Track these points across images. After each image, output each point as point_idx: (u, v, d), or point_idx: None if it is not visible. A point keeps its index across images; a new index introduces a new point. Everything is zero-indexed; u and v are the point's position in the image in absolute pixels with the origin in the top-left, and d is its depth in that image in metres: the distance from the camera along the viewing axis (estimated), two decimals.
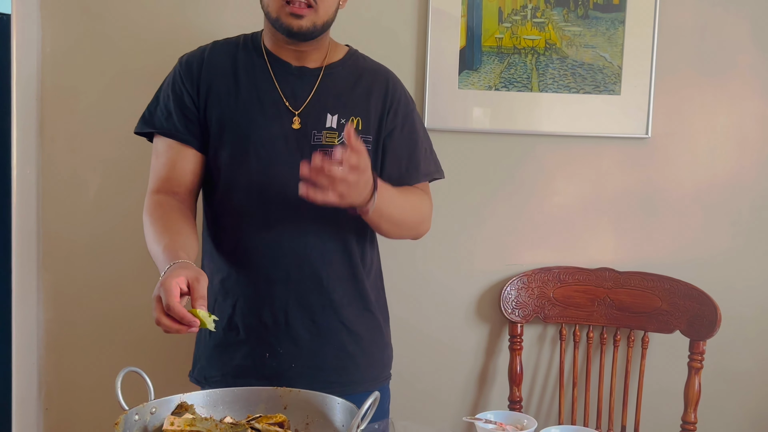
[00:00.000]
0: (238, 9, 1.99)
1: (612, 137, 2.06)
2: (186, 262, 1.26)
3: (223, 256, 1.53)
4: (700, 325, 1.95)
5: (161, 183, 1.50)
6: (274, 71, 1.51)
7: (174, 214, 1.44)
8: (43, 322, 2.05)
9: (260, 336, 1.50)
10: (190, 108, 1.50)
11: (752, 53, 2.06)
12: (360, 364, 1.57)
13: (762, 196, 2.10)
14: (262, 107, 1.49)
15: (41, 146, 2.01)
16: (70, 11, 1.98)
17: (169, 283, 1.16)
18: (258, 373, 1.50)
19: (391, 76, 1.60)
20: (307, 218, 1.47)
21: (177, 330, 1.16)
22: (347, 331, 1.55)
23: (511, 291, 2.04)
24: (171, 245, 1.33)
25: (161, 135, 1.52)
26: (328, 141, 1.49)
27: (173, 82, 1.53)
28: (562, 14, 2.01)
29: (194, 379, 1.59)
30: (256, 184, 1.47)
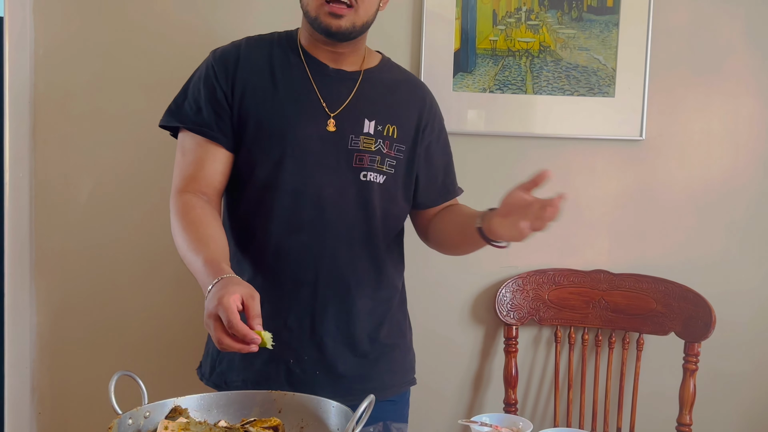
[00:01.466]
0: (231, 10, 1.99)
1: (606, 139, 2.06)
2: (235, 278, 1.23)
3: (250, 257, 1.49)
4: (694, 326, 1.95)
5: (188, 182, 1.45)
6: (311, 71, 1.47)
7: (206, 219, 1.38)
8: (36, 326, 2.04)
9: (285, 341, 1.45)
10: (222, 104, 1.45)
11: (745, 56, 2.07)
12: (382, 371, 1.55)
13: (756, 198, 2.10)
14: (299, 107, 1.45)
15: (34, 149, 2.00)
16: (63, 14, 1.97)
17: (228, 301, 1.13)
18: (281, 379, 1.47)
19: (426, 88, 1.61)
20: (337, 223, 1.46)
21: (239, 349, 1.14)
22: (370, 338, 1.53)
23: (506, 293, 2.04)
24: (212, 257, 1.28)
25: (189, 131, 1.46)
26: (365, 146, 1.47)
27: (206, 76, 1.47)
28: (556, 17, 2.01)
29: (212, 383, 1.54)
30: (290, 186, 1.44)
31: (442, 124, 1.62)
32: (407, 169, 1.54)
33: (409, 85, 1.58)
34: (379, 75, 1.54)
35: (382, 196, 1.50)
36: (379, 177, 1.48)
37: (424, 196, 1.60)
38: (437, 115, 1.60)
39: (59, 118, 2.00)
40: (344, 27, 1.40)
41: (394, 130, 1.50)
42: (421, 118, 1.55)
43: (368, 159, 1.47)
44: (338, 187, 1.46)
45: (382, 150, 1.48)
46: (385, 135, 1.49)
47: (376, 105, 1.50)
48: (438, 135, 1.60)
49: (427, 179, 1.59)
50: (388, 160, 1.49)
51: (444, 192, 1.63)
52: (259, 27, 1.63)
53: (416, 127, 1.54)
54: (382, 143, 1.48)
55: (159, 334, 2.04)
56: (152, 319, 2.04)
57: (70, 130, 2.00)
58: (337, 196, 1.46)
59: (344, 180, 1.46)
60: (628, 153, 2.08)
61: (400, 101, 1.54)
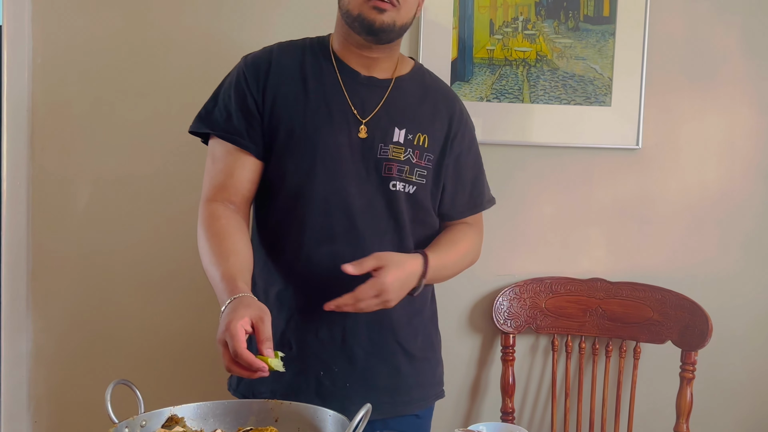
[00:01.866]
0: (234, 20, 2.00)
1: (603, 148, 2.07)
2: (248, 297, 1.22)
3: (280, 267, 1.48)
4: (691, 335, 1.96)
5: (217, 191, 1.44)
6: (343, 78, 1.46)
7: (231, 230, 1.38)
8: (32, 333, 2.04)
9: (315, 353, 1.45)
10: (252, 112, 1.43)
11: (741, 64, 2.08)
12: (412, 385, 1.53)
13: (752, 206, 2.11)
14: (330, 115, 1.44)
15: (31, 156, 2.00)
16: (61, 22, 1.98)
17: (235, 328, 1.14)
18: (310, 391, 1.45)
19: (457, 97, 1.59)
20: (368, 233, 1.44)
21: (247, 376, 1.15)
22: (402, 350, 1.51)
23: (503, 302, 2.04)
24: (229, 271, 1.28)
25: (219, 138, 1.45)
26: (394, 155, 1.45)
27: (236, 82, 1.45)
28: (553, 26, 2.02)
29: (239, 394, 1.52)
30: (320, 195, 1.43)
31: (472, 134, 1.60)
32: (435, 180, 1.52)
33: (440, 93, 1.56)
34: (410, 83, 1.52)
35: (412, 206, 1.48)
36: (408, 187, 1.46)
37: (449, 207, 1.57)
38: (468, 125, 1.58)
39: (57, 125, 2.00)
40: (386, 22, 1.38)
41: (425, 139, 1.48)
42: (451, 128, 1.52)
43: (397, 168, 1.45)
44: (367, 197, 1.44)
45: (411, 160, 1.46)
46: (415, 144, 1.47)
47: (406, 113, 1.48)
48: (469, 145, 1.57)
49: (454, 191, 1.56)
50: (418, 170, 1.47)
51: (471, 205, 1.61)
52: (263, 36, 1.63)
53: (446, 137, 1.51)
54: (412, 153, 1.47)
55: (156, 342, 2.04)
56: (149, 328, 2.04)
57: (68, 138, 2.01)
58: (367, 206, 1.44)
59: (373, 190, 1.45)
60: (624, 161, 2.09)
61: (430, 110, 1.51)
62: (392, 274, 1.34)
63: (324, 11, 1.94)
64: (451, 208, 1.58)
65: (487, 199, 1.65)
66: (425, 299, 1.57)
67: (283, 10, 2.00)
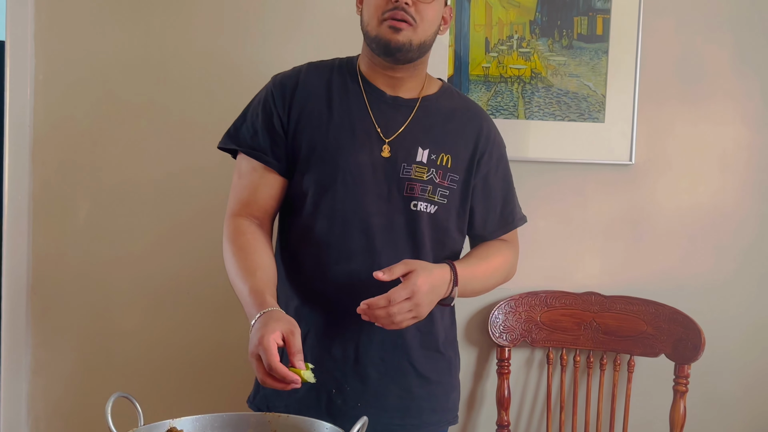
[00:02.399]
0: (231, 39, 2.02)
1: (596, 163, 2.10)
2: (277, 311, 1.26)
3: (298, 283, 1.49)
4: (684, 348, 1.97)
5: (241, 206, 1.47)
6: (368, 98, 1.48)
7: (256, 245, 1.41)
8: (32, 347, 2.05)
9: (328, 371, 1.45)
10: (277, 130, 1.46)
11: (732, 81, 2.11)
12: (424, 408, 1.52)
13: (744, 221, 2.13)
14: (353, 134, 1.45)
15: (33, 171, 2.02)
16: (63, 39, 2.01)
17: (267, 342, 1.17)
18: (321, 408, 1.46)
19: (484, 116, 1.59)
20: (386, 252, 1.44)
21: (281, 387, 1.19)
22: (415, 372, 1.50)
23: (498, 315, 2.06)
24: (257, 286, 1.31)
25: (245, 154, 1.48)
26: (417, 175, 1.46)
27: (264, 101, 1.48)
28: (547, 44, 2.05)
29: (254, 406, 1.53)
30: (340, 213, 1.44)
31: (501, 152, 1.59)
32: (461, 200, 1.51)
33: (467, 113, 1.55)
34: (436, 103, 1.52)
35: (433, 226, 1.48)
36: (430, 207, 1.46)
37: (481, 228, 1.57)
38: (496, 143, 1.57)
39: (58, 141, 2.02)
40: (402, 42, 1.40)
41: (449, 159, 1.48)
42: (477, 148, 1.52)
43: (419, 188, 1.45)
44: (387, 216, 1.45)
45: (434, 180, 1.46)
46: (438, 164, 1.47)
47: (430, 133, 1.48)
48: (497, 164, 1.56)
49: (485, 211, 1.56)
50: (440, 190, 1.47)
51: (503, 223, 1.60)
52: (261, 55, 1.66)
53: (471, 157, 1.51)
54: (435, 173, 1.47)
55: (155, 356, 2.05)
56: (148, 341, 2.06)
57: (69, 153, 2.03)
58: (386, 225, 1.45)
59: (394, 209, 1.45)
60: (618, 177, 2.11)
61: (456, 130, 1.51)
62: (422, 277, 1.35)
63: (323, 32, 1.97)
64: (483, 229, 1.58)
65: (519, 216, 1.64)
66: (443, 321, 1.56)
67: (279, 26, 2.03)
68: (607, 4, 2.05)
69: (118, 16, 2.01)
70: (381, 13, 1.40)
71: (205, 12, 2.02)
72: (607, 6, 2.05)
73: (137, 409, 1.17)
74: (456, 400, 1.62)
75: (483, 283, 1.55)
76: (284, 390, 1.20)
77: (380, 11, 1.40)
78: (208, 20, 2.02)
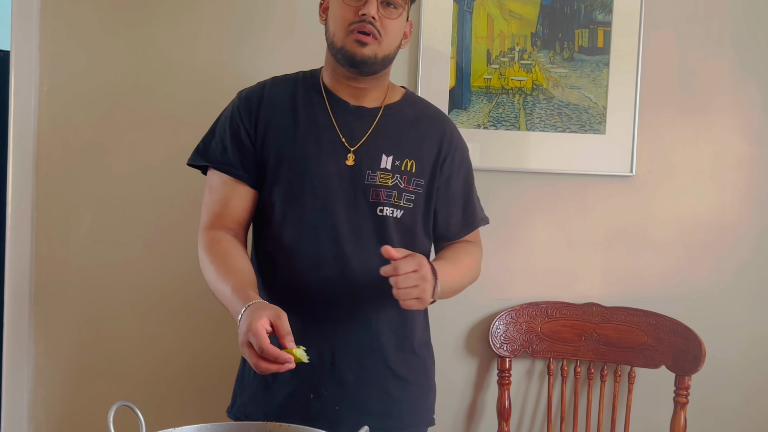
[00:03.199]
0: (236, 49, 2.04)
1: (597, 175, 2.11)
2: (261, 302, 1.28)
3: (273, 292, 1.52)
4: (685, 360, 1.98)
5: (214, 219, 1.50)
6: (332, 109, 1.51)
7: (233, 251, 1.44)
8: (34, 356, 2.05)
9: (305, 376, 1.47)
10: (245, 143, 1.50)
11: (732, 94, 2.12)
12: (403, 410, 1.55)
13: (744, 233, 2.14)
14: (319, 144, 1.49)
15: (36, 180, 2.03)
16: (67, 50, 2.02)
17: (256, 327, 1.19)
18: (301, 413, 1.47)
19: (447, 121, 1.63)
20: (356, 258, 1.47)
21: (276, 369, 1.20)
22: (392, 374, 1.53)
23: (499, 326, 2.06)
24: (239, 285, 1.34)
25: (215, 169, 1.51)
26: (381, 181, 1.49)
27: (231, 116, 1.52)
28: (549, 56, 2.07)
29: (233, 416, 1.55)
30: (309, 221, 1.48)
31: (464, 155, 1.63)
32: (426, 204, 1.55)
33: (429, 119, 1.60)
34: (399, 111, 1.56)
35: (400, 230, 1.51)
36: (396, 212, 1.50)
37: (444, 230, 1.61)
38: (458, 147, 1.60)
39: (61, 151, 2.04)
40: (368, 55, 1.44)
41: (413, 164, 1.52)
42: (440, 152, 1.56)
43: (384, 194, 1.49)
44: (355, 223, 1.48)
45: (399, 185, 1.50)
46: (402, 170, 1.51)
47: (394, 140, 1.52)
48: (459, 167, 1.60)
49: (448, 213, 1.60)
50: (406, 195, 1.51)
51: (465, 224, 1.64)
52: (264, 65, 1.67)
53: (435, 161, 1.55)
54: (400, 178, 1.50)
55: (157, 365, 2.05)
56: (150, 351, 2.06)
57: (72, 163, 2.04)
58: (354, 232, 1.48)
59: (361, 215, 1.49)
60: (618, 188, 2.12)
61: (419, 136, 1.55)
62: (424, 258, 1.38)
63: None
64: (446, 230, 1.61)
65: (481, 217, 1.68)
66: (417, 323, 1.59)
67: (284, 41, 2.05)
68: (608, 17, 2.06)
69: (122, 26, 2.03)
70: (347, 25, 1.44)
71: (208, 22, 2.04)
72: (608, 19, 2.06)
73: (139, 418, 1.17)
74: (432, 401, 1.65)
75: (458, 284, 1.57)
76: (279, 371, 1.21)
77: (346, 23, 1.44)
78: (211, 30, 2.04)
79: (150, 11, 2.03)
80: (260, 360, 1.21)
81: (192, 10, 2.03)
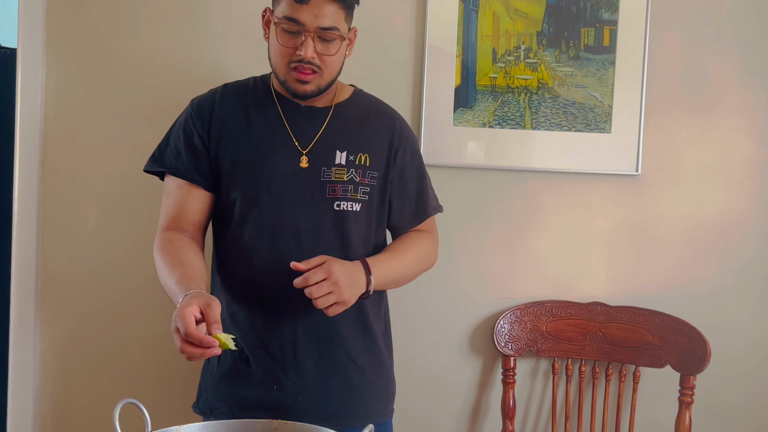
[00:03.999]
0: (241, 49, 2.04)
1: (603, 174, 2.10)
2: (198, 292, 1.31)
3: (233, 290, 1.56)
4: (690, 359, 1.97)
5: (171, 221, 1.54)
6: (284, 111, 1.55)
7: (184, 249, 1.47)
8: (40, 353, 2.06)
9: (268, 368, 1.52)
10: (200, 149, 1.54)
11: (738, 93, 2.11)
12: (365, 398, 1.58)
13: (749, 232, 2.13)
14: (273, 145, 1.53)
15: (42, 178, 2.04)
16: (74, 48, 2.03)
17: (183, 313, 1.22)
18: (264, 405, 1.51)
19: (396, 115, 1.66)
20: (314, 253, 1.49)
21: (201, 354, 1.22)
22: (353, 364, 1.56)
23: (504, 324, 2.06)
24: (182, 277, 1.36)
25: (172, 175, 1.55)
26: (337, 177, 1.53)
27: (185, 123, 1.57)
28: (554, 55, 2.07)
29: (198, 410, 1.60)
30: (267, 220, 1.51)
31: (414, 147, 1.67)
32: (381, 196, 1.59)
33: (379, 114, 1.63)
34: (349, 108, 1.60)
35: (358, 223, 1.55)
36: (354, 205, 1.54)
37: (398, 220, 1.65)
38: (409, 139, 1.64)
39: (68, 149, 2.04)
40: (310, 90, 1.49)
41: (366, 158, 1.56)
42: (392, 144, 1.60)
43: (341, 189, 1.53)
44: (314, 219, 1.52)
45: (354, 179, 1.54)
46: (357, 164, 1.55)
47: (346, 137, 1.56)
48: (411, 159, 1.64)
49: (401, 203, 1.63)
50: (361, 188, 1.55)
51: (418, 213, 1.67)
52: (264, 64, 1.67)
53: (388, 154, 1.59)
54: (355, 172, 1.54)
55: (163, 362, 2.06)
56: (156, 347, 2.07)
57: (78, 161, 2.04)
58: (313, 228, 1.52)
59: (319, 211, 1.52)
60: (624, 187, 2.12)
61: (370, 131, 1.59)
62: (336, 263, 1.41)
63: None
64: (400, 220, 1.65)
65: (433, 206, 1.70)
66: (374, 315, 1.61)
67: None
68: (614, 16, 2.06)
69: (129, 25, 2.03)
70: (287, 63, 1.47)
71: (214, 21, 2.04)
72: (614, 17, 2.06)
73: (145, 415, 1.18)
74: (393, 391, 1.69)
75: (401, 274, 1.61)
76: (203, 357, 1.23)
77: (285, 61, 1.47)
78: (218, 29, 2.04)
79: (156, 10, 2.03)
80: (185, 344, 1.22)
81: (197, 8, 2.03)
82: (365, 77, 1.83)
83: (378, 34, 2.04)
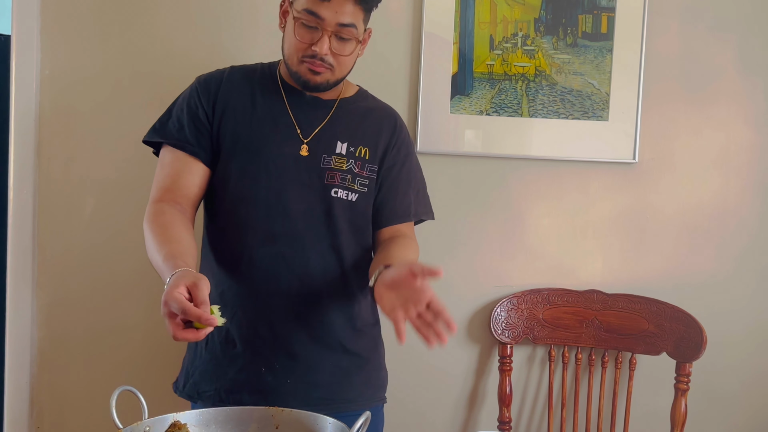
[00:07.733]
0: (234, 36, 2.03)
1: (600, 162, 2.10)
2: (185, 270, 1.26)
3: (224, 269, 1.54)
4: (686, 347, 1.98)
5: (163, 192, 1.50)
6: (288, 98, 1.55)
7: (175, 223, 1.44)
8: (37, 340, 2.06)
9: (257, 350, 1.51)
10: (203, 123, 1.53)
11: (736, 80, 2.11)
12: (355, 383, 1.58)
13: (746, 220, 2.14)
14: (275, 127, 1.53)
15: (38, 166, 2.03)
16: (69, 34, 2.02)
17: (173, 295, 1.17)
18: (252, 387, 1.51)
19: (398, 116, 1.67)
20: (309, 236, 1.50)
21: (194, 338, 1.18)
22: (343, 349, 1.56)
23: (501, 312, 2.06)
24: (170, 254, 1.33)
25: (171, 146, 1.53)
26: (336, 165, 1.53)
27: (189, 97, 1.56)
28: (552, 42, 2.06)
29: (185, 394, 1.58)
30: (263, 198, 1.50)
31: (409, 149, 1.65)
32: (375, 189, 1.59)
33: (382, 112, 1.64)
34: (353, 103, 1.61)
35: (352, 212, 1.54)
36: (351, 195, 1.53)
37: (376, 211, 1.60)
38: (405, 141, 1.65)
39: (63, 136, 2.03)
40: (321, 81, 1.50)
41: (366, 151, 1.56)
42: (390, 140, 1.60)
43: (339, 177, 1.53)
44: (308, 202, 1.52)
45: (353, 170, 1.54)
46: (357, 156, 1.55)
47: (349, 128, 1.56)
48: (403, 159, 1.62)
49: (384, 198, 1.60)
50: (359, 180, 1.55)
51: (400, 213, 1.62)
52: (262, 51, 1.67)
53: (384, 150, 1.59)
54: (354, 163, 1.54)
55: (159, 349, 2.06)
56: (153, 335, 2.07)
57: (74, 148, 2.04)
58: (306, 211, 1.51)
59: (314, 196, 1.52)
60: (621, 175, 2.12)
61: (372, 126, 1.60)
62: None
63: None
64: (377, 213, 1.61)
65: (416, 212, 1.65)
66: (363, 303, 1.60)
67: None
68: (612, 3, 2.05)
69: (124, 11, 2.02)
70: (301, 55, 1.47)
71: (209, 8, 2.03)
72: (612, 4, 2.05)
73: (141, 402, 1.18)
74: (385, 379, 1.68)
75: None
76: (197, 340, 1.20)
77: (300, 53, 1.48)
78: (212, 17, 2.03)
79: None
80: (180, 330, 1.18)
81: None
82: (362, 64, 1.81)
83: (375, 21, 2.02)
